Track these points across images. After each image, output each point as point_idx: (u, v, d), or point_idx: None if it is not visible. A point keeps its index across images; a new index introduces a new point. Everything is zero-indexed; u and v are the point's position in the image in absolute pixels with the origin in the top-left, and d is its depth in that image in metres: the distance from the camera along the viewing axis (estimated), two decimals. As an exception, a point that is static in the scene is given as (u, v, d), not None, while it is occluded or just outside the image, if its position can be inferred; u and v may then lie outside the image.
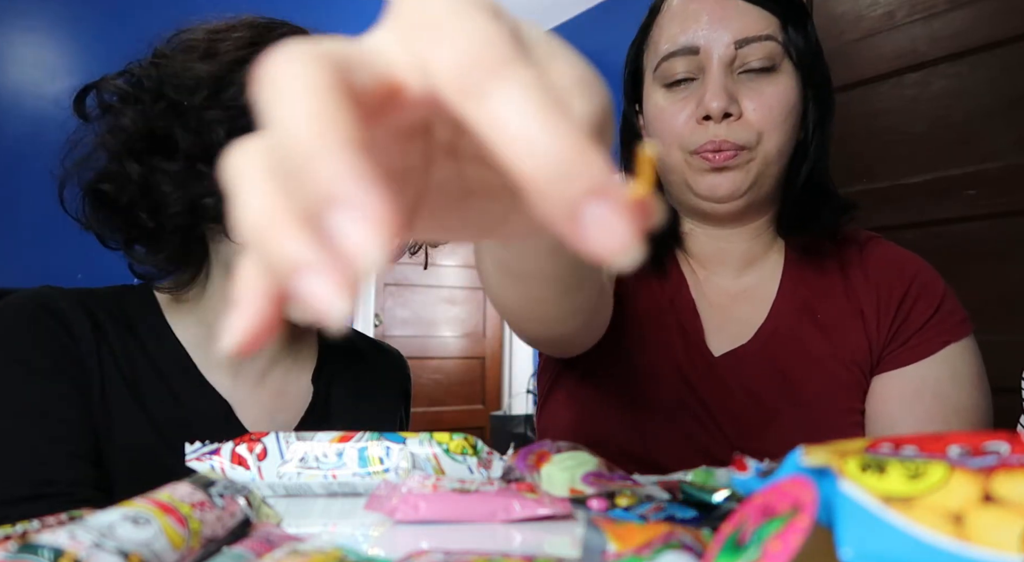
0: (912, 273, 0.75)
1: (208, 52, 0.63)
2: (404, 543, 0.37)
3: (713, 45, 0.71)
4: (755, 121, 0.71)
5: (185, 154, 0.62)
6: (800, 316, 0.76)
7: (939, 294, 0.74)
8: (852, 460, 0.22)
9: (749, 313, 0.78)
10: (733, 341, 0.76)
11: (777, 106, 0.71)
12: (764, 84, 0.71)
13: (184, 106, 0.61)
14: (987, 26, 1.79)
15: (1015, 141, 1.73)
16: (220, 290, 0.71)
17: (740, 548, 0.22)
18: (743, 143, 0.71)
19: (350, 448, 0.47)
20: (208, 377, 0.71)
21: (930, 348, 0.71)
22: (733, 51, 0.71)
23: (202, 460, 0.47)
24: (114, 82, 0.64)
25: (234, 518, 0.37)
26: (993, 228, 1.76)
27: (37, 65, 2.64)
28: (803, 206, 0.76)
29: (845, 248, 0.78)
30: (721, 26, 0.71)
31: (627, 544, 0.31)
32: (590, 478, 0.42)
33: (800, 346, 0.74)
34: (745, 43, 0.70)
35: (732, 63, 0.71)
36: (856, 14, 2.06)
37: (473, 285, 3.86)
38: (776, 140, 0.72)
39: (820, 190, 0.76)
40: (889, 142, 1.97)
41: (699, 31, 0.72)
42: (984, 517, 0.19)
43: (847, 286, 0.76)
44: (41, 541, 0.28)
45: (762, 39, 0.70)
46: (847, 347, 0.73)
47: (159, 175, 0.62)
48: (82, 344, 0.65)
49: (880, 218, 1.96)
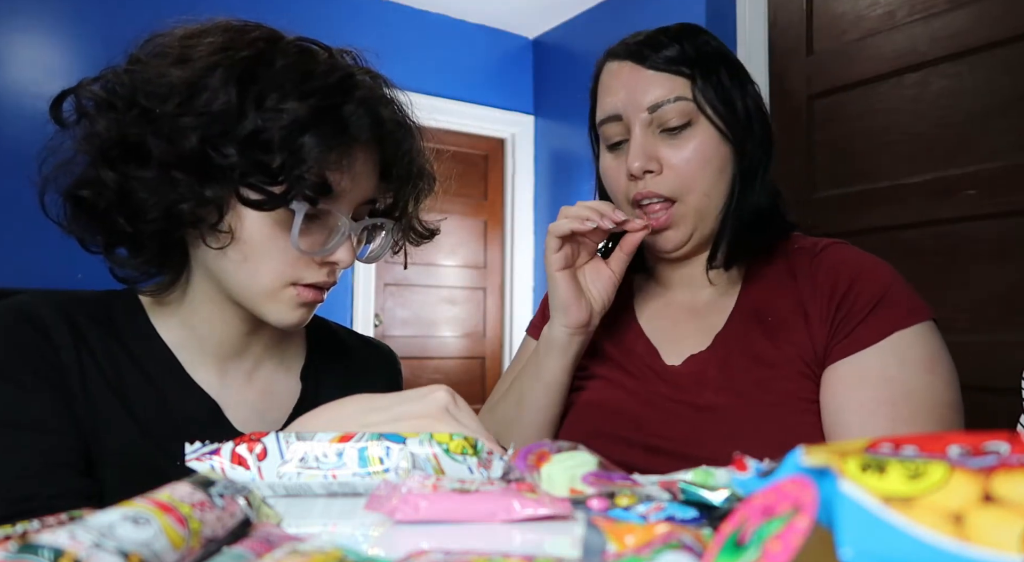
0: (855, 272, 0.78)
1: (181, 57, 0.62)
2: (404, 543, 0.37)
3: (631, 112, 0.81)
4: (677, 174, 0.80)
5: (158, 161, 0.61)
6: (751, 320, 0.82)
7: (883, 287, 0.76)
8: (852, 460, 0.22)
9: (709, 324, 0.84)
10: (692, 348, 0.83)
11: (695, 158, 0.80)
12: (682, 140, 0.80)
13: (156, 113, 0.61)
14: (987, 26, 1.79)
15: (1015, 141, 1.73)
16: (201, 293, 0.71)
17: (740, 548, 0.22)
18: (667, 194, 0.80)
19: (350, 448, 0.47)
20: (195, 377, 0.71)
21: (874, 336, 0.73)
22: (648, 115, 0.80)
23: (202, 460, 0.47)
24: (90, 88, 0.64)
25: (234, 518, 0.37)
26: (993, 228, 1.76)
27: (37, 65, 2.64)
28: (743, 236, 0.82)
29: (800, 257, 0.84)
30: (636, 95, 0.81)
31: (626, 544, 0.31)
32: (590, 478, 0.43)
33: (748, 346, 0.79)
34: (657, 108, 0.80)
35: (651, 125, 0.81)
36: (856, 14, 2.06)
37: (473, 285, 3.86)
38: (702, 187, 0.80)
39: (762, 219, 0.82)
40: (889, 142, 1.97)
41: (619, 101, 0.82)
42: (984, 517, 0.19)
43: (795, 291, 0.80)
44: (41, 541, 0.28)
45: (671, 101, 0.79)
46: (792, 343, 0.77)
47: (134, 182, 0.62)
48: (63, 352, 0.64)
49: (880, 218, 1.96)
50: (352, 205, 0.69)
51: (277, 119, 0.60)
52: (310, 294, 0.68)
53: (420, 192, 0.77)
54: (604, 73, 0.85)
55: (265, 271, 0.66)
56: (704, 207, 0.81)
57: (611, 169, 0.85)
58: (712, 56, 0.82)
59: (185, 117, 0.60)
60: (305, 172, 0.61)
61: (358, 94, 0.66)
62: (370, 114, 0.66)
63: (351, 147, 0.65)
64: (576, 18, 3.63)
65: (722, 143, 0.80)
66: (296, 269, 0.67)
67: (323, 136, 0.62)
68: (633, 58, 0.82)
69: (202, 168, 0.61)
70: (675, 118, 0.79)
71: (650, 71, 0.81)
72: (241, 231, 0.64)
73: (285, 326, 0.69)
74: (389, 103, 0.71)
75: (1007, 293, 1.72)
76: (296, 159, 0.61)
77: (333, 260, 0.68)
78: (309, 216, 0.65)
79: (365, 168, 0.69)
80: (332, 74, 0.65)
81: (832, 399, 0.73)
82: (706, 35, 0.84)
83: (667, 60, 0.80)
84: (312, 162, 0.61)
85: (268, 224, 0.65)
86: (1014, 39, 1.74)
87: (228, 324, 0.72)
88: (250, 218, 0.64)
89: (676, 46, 0.81)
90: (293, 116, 0.61)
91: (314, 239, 0.67)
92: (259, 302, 0.67)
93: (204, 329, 0.72)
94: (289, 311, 0.68)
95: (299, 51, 0.65)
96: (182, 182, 0.61)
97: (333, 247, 0.67)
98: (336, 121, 0.63)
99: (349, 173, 0.66)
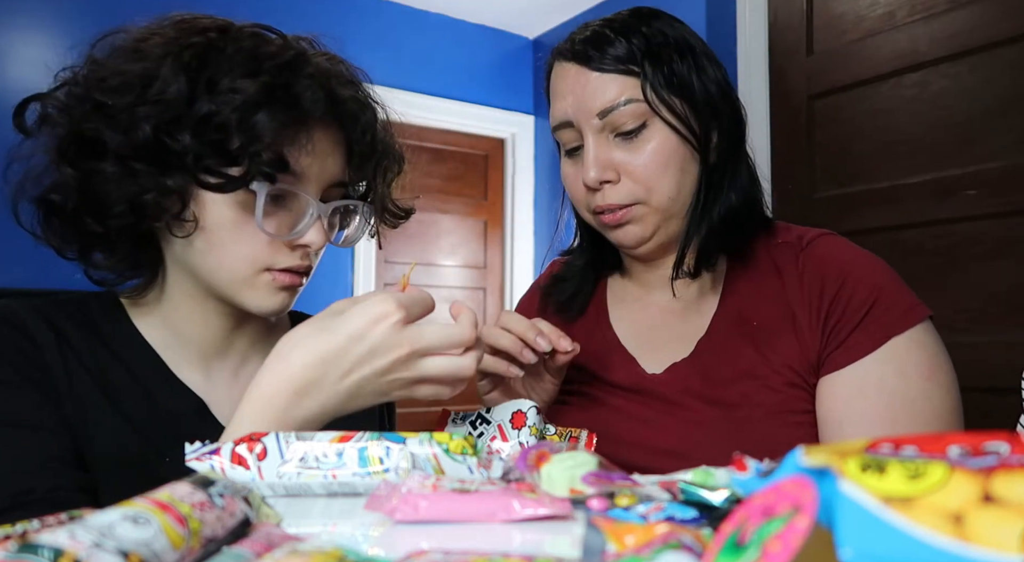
0: (844, 272, 0.74)
1: (135, 52, 0.63)
2: (404, 543, 0.37)
3: (582, 119, 0.76)
4: (635, 180, 0.75)
5: (115, 154, 0.61)
6: (735, 325, 0.77)
7: (875, 288, 0.72)
8: (852, 460, 0.22)
9: (691, 327, 0.80)
10: (672, 356, 0.79)
11: (653, 161, 0.74)
12: (639, 143, 0.75)
13: (110, 106, 0.61)
14: (987, 26, 1.78)
15: (1015, 141, 1.73)
16: (179, 290, 0.71)
17: (740, 548, 0.22)
18: (628, 202, 0.75)
19: (350, 448, 0.47)
20: (180, 376, 0.71)
21: (869, 345, 0.70)
22: (600, 121, 0.75)
23: (202, 460, 0.47)
24: (54, 94, 0.65)
25: (234, 518, 0.37)
26: (993, 228, 1.76)
27: (37, 65, 2.64)
28: (713, 240, 0.77)
29: (784, 252, 0.79)
30: (584, 100, 0.75)
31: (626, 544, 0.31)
32: (590, 478, 0.43)
33: (731, 354, 0.76)
34: (607, 113, 0.74)
35: (604, 130, 0.75)
36: (856, 14, 2.06)
37: (473, 285, 3.86)
38: (665, 189, 0.75)
39: (736, 218, 0.77)
40: (889, 142, 1.97)
41: (568, 107, 0.77)
42: (984, 517, 0.19)
43: (782, 291, 0.76)
44: (41, 541, 0.28)
45: (622, 105, 0.73)
46: (779, 351, 0.74)
47: (94, 177, 0.62)
48: (47, 353, 0.65)
49: (880, 218, 1.96)
50: (320, 186, 0.69)
51: (229, 101, 0.61)
52: (287, 278, 0.68)
53: (388, 171, 0.77)
54: (553, 75, 0.80)
55: (236, 257, 0.66)
56: (668, 208, 0.76)
57: (569, 176, 0.80)
58: (664, 45, 0.75)
59: (138, 108, 0.61)
60: (261, 150, 0.61)
61: (309, 70, 0.65)
62: (324, 90, 0.66)
63: (309, 125, 0.65)
64: (576, 18, 3.63)
65: (682, 141, 0.75)
66: (268, 254, 0.66)
67: (275, 113, 0.61)
68: (578, 59, 0.76)
69: (160, 157, 0.61)
70: (628, 121, 0.74)
71: (595, 73, 0.75)
72: (206, 219, 0.64)
73: (267, 312, 0.69)
74: (348, 83, 0.70)
75: (1007, 293, 1.72)
76: (251, 138, 0.61)
77: (304, 242, 0.67)
78: (275, 198, 0.65)
79: (329, 148, 0.69)
80: (283, 54, 0.65)
81: (830, 411, 0.71)
82: (659, 21, 0.77)
83: (613, 59, 0.74)
84: (267, 140, 0.61)
85: (233, 209, 0.65)
86: (1014, 39, 1.74)
87: (210, 322, 0.72)
88: (214, 204, 0.64)
89: (622, 42, 0.74)
90: (244, 96, 0.61)
91: (281, 222, 0.67)
92: (236, 290, 0.67)
93: (186, 328, 0.72)
94: (268, 297, 0.68)
95: (250, 36, 0.66)
96: (142, 173, 0.61)
97: (303, 229, 0.67)
98: (288, 98, 0.63)
99: (311, 153, 0.66)
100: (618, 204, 0.75)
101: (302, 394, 0.56)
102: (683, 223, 0.78)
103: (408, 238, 3.65)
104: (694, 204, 0.77)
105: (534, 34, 3.92)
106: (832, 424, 0.70)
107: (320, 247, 0.69)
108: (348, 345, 0.56)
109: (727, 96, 0.78)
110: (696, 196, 0.77)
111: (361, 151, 0.72)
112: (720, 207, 0.76)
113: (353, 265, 3.37)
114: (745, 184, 0.78)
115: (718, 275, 0.82)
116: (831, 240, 0.79)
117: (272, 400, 0.55)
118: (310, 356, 0.55)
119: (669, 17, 0.79)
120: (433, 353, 0.58)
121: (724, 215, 0.76)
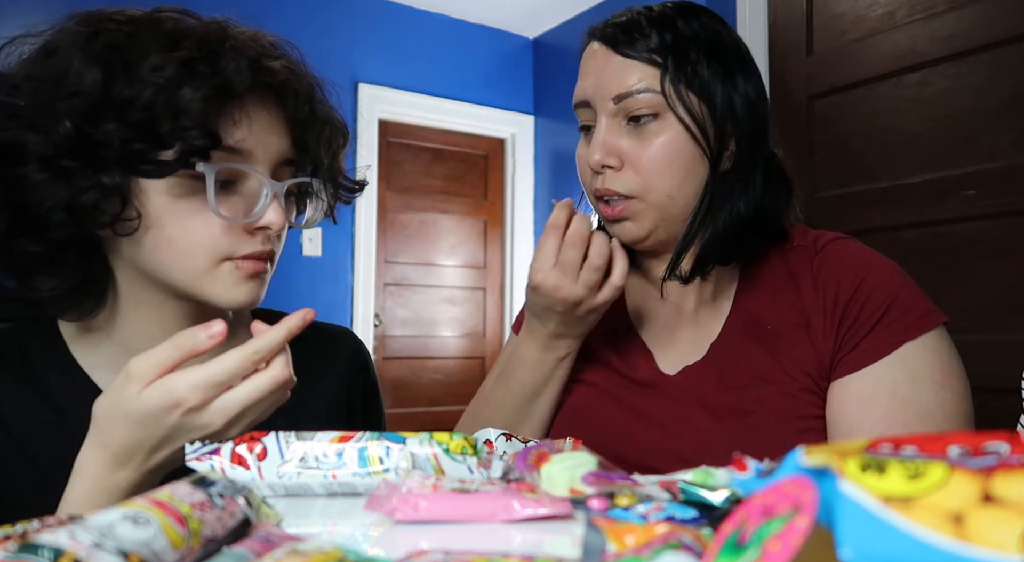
0: (860, 276, 0.73)
1: (43, 52, 0.61)
2: (404, 543, 0.37)
3: (598, 101, 0.76)
4: (636, 171, 0.74)
5: (37, 156, 0.58)
6: (748, 328, 0.77)
7: (890, 293, 0.71)
8: (852, 460, 0.22)
9: (704, 329, 0.80)
10: (686, 358, 0.79)
11: (658, 156, 0.73)
12: (648, 133, 0.74)
13: (22, 107, 0.58)
14: (987, 26, 1.78)
15: (1015, 141, 1.73)
16: (134, 303, 0.67)
17: (740, 548, 0.22)
18: (627, 192, 0.74)
19: (350, 448, 0.47)
20: None
21: (883, 350, 0.69)
22: (614, 105, 0.75)
23: (202, 460, 0.47)
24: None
25: (234, 518, 0.37)
26: (993, 228, 1.76)
27: (37, 65, 2.63)
28: (713, 248, 0.76)
29: (799, 256, 0.78)
30: (604, 82, 0.75)
31: (626, 544, 0.31)
32: (590, 478, 0.43)
33: (744, 358, 0.75)
34: (623, 98, 0.74)
35: (617, 115, 0.75)
36: (856, 14, 2.06)
37: (473, 285, 3.86)
38: (664, 187, 0.74)
39: (743, 226, 0.75)
40: (889, 142, 1.97)
41: (589, 87, 0.77)
42: (984, 517, 0.19)
43: (796, 296, 0.76)
44: (41, 541, 0.28)
45: (638, 92, 0.73)
46: (793, 356, 0.73)
47: (22, 188, 0.59)
48: None
49: (880, 218, 1.96)
50: (268, 166, 0.66)
51: (149, 81, 0.58)
52: (250, 265, 0.65)
53: (332, 142, 0.73)
54: (584, 54, 0.80)
55: (193, 249, 0.63)
56: (667, 207, 0.74)
57: (580, 156, 0.80)
58: (695, 43, 0.74)
59: (55, 104, 0.58)
60: (190, 127, 0.59)
61: (231, 43, 0.63)
62: (249, 62, 0.63)
63: (240, 98, 0.63)
64: (576, 18, 3.63)
65: (692, 142, 0.73)
66: (225, 242, 0.63)
67: (199, 87, 0.59)
68: (607, 42, 0.76)
69: (87, 152, 0.58)
70: (642, 109, 0.73)
71: (620, 58, 0.75)
72: (151, 213, 0.62)
73: (237, 305, 0.65)
74: (279, 56, 0.67)
75: (1007, 293, 1.72)
76: (177, 116, 0.58)
77: (263, 224, 0.64)
78: (225, 184, 0.63)
79: (269, 125, 0.66)
80: (200, 31, 0.62)
81: (841, 417, 0.70)
82: (699, 19, 0.76)
83: (641, 47, 0.74)
84: (196, 115, 0.59)
85: (179, 199, 0.62)
86: (1014, 39, 1.74)
87: (167, 331, 0.65)
88: (158, 196, 0.61)
89: (653, 32, 0.74)
90: (164, 74, 0.58)
91: (236, 206, 0.64)
92: (200, 285, 0.64)
93: (139, 344, 0.65)
94: (234, 288, 0.65)
95: (163, 19, 0.63)
96: (73, 172, 0.58)
97: (260, 210, 0.64)
98: (211, 72, 0.60)
99: (248, 128, 0.63)
100: (616, 192, 0.75)
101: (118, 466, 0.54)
102: (681, 225, 0.76)
103: (408, 238, 3.65)
104: (697, 208, 0.75)
105: (534, 34, 3.92)
106: (842, 428, 0.69)
107: (280, 228, 0.66)
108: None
109: (753, 109, 0.76)
110: (701, 200, 0.75)
111: (302, 121, 0.69)
112: (726, 215, 0.75)
113: (353, 265, 3.37)
114: (758, 195, 0.76)
115: (731, 278, 0.81)
116: (846, 244, 0.78)
117: (92, 473, 0.54)
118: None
119: (712, 17, 0.78)
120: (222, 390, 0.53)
121: (729, 224, 0.75)
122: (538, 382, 0.80)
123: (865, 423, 0.68)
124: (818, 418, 0.71)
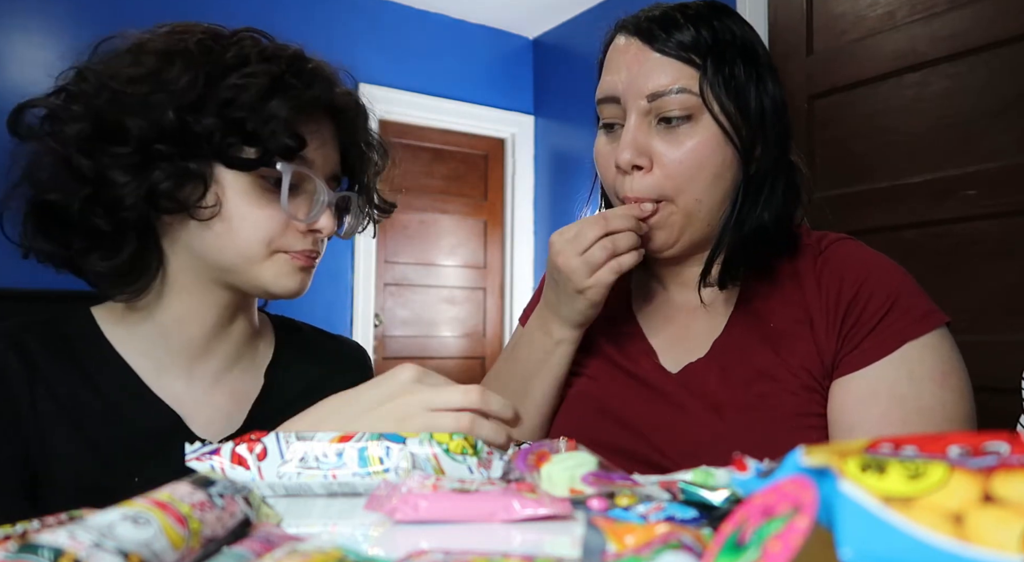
0: (862, 276, 0.73)
1: (136, 52, 0.66)
2: (404, 543, 0.37)
3: (630, 97, 0.74)
4: (666, 174, 0.73)
5: (138, 138, 0.63)
6: (751, 325, 0.77)
7: (892, 293, 0.72)
8: (852, 460, 0.22)
9: (707, 326, 0.80)
10: (690, 354, 0.79)
11: (690, 159, 0.72)
12: (680, 135, 0.72)
13: (128, 94, 0.64)
14: (987, 26, 1.78)
15: (1015, 141, 1.73)
16: (178, 285, 0.71)
17: (740, 548, 0.22)
18: (656, 196, 0.73)
19: (350, 448, 0.47)
20: (157, 389, 0.71)
21: (884, 349, 0.70)
22: (647, 104, 0.73)
23: (202, 460, 0.47)
24: (47, 100, 0.66)
25: (234, 518, 0.37)
26: (993, 228, 1.76)
27: (37, 65, 2.64)
28: (740, 255, 0.75)
29: (803, 257, 0.78)
30: (638, 79, 0.73)
31: (626, 544, 0.31)
32: (590, 478, 0.43)
33: (747, 355, 0.75)
34: (657, 97, 0.72)
35: (649, 114, 0.73)
36: (856, 14, 2.06)
37: (473, 285, 3.86)
38: (693, 191, 0.73)
39: (765, 236, 0.75)
40: (889, 142, 1.97)
41: (619, 82, 0.74)
42: (984, 517, 0.19)
43: (800, 295, 0.76)
44: (41, 541, 0.28)
45: (674, 92, 0.71)
46: (796, 354, 0.73)
47: (113, 167, 0.64)
48: (15, 386, 0.65)
49: (880, 218, 1.96)
50: (323, 176, 0.72)
51: (245, 87, 0.65)
52: (303, 259, 0.71)
53: (375, 165, 0.81)
54: (612, 47, 0.78)
55: (254, 239, 0.68)
56: (694, 211, 0.74)
57: (602, 154, 0.78)
58: (731, 44, 0.73)
59: (156, 94, 0.64)
60: (279, 131, 0.66)
61: (311, 66, 0.71)
62: (325, 84, 0.71)
63: (316, 114, 0.71)
64: (576, 18, 3.63)
65: (724, 145, 0.73)
66: (283, 237, 0.70)
67: (288, 99, 0.66)
68: (642, 36, 0.74)
69: (183, 139, 0.64)
70: (675, 110, 0.72)
71: (656, 54, 0.73)
72: (227, 202, 0.68)
73: (286, 292, 0.72)
74: (340, 82, 0.76)
75: (1007, 293, 1.72)
76: (269, 120, 0.65)
77: (316, 228, 0.72)
78: (292, 186, 0.69)
79: (329, 140, 0.74)
80: (284, 51, 0.70)
81: (842, 415, 0.70)
82: (732, 19, 0.75)
83: (678, 45, 0.72)
84: (284, 121, 0.66)
85: (253, 192, 0.68)
86: (1014, 39, 1.74)
87: (203, 317, 0.72)
88: (234, 189, 0.68)
89: (690, 29, 0.72)
90: (258, 83, 0.65)
91: (298, 206, 0.71)
92: (254, 272, 0.70)
93: (175, 328, 0.72)
94: (288, 276, 0.71)
95: (244, 38, 0.70)
96: (164, 156, 0.64)
97: (316, 214, 0.71)
98: (297, 87, 0.68)
99: (318, 141, 0.71)
100: (645, 197, 0.73)
101: None
102: (711, 230, 0.76)
103: (408, 238, 3.65)
104: (730, 212, 0.75)
105: (534, 34, 3.92)
106: (843, 427, 0.70)
107: (330, 233, 0.73)
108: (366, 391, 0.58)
109: (780, 114, 0.76)
110: (733, 205, 0.75)
111: (353, 143, 0.77)
112: (752, 222, 0.75)
113: (353, 265, 3.37)
114: (779, 203, 0.76)
115: None
116: (849, 244, 0.78)
117: None
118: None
119: (741, 19, 0.77)
120: None
121: (756, 228, 0.75)
122: (533, 361, 0.81)
123: (866, 422, 0.68)
124: (820, 416, 0.72)
